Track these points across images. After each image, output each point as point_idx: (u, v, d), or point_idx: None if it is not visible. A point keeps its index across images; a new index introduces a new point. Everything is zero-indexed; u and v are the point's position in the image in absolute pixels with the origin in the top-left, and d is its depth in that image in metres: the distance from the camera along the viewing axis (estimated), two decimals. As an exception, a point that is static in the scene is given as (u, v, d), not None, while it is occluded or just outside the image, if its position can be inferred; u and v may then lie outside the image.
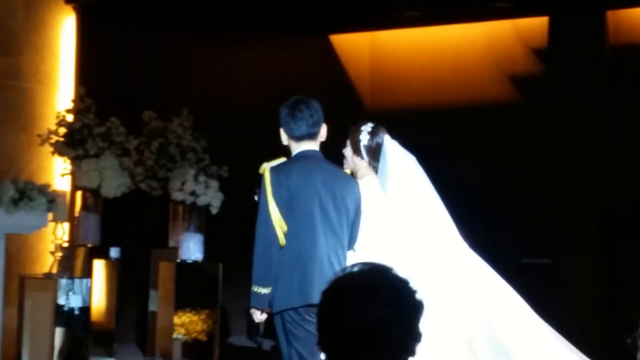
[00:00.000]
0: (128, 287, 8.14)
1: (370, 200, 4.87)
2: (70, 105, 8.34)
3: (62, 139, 8.05)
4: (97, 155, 7.77)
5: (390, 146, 5.10)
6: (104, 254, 7.83)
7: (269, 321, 4.65)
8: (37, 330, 7.52)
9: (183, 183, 7.96)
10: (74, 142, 8.00)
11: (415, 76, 9.66)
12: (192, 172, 8.08)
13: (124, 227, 8.28)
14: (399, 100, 9.70)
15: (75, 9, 9.32)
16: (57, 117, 8.22)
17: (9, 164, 6.95)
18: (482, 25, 9.30)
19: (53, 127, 8.21)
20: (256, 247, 4.49)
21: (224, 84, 9.05)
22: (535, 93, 9.04)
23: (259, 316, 4.54)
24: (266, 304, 4.50)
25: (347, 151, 5.20)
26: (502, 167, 9.07)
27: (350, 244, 4.69)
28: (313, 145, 4.65)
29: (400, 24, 9.37)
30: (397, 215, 5.01)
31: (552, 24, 8.78)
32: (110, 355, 7.73)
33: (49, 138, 8.05)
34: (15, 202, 6.04)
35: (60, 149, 8.02)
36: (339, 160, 5.15)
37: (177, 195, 7.99)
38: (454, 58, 9.44)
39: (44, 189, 6.13)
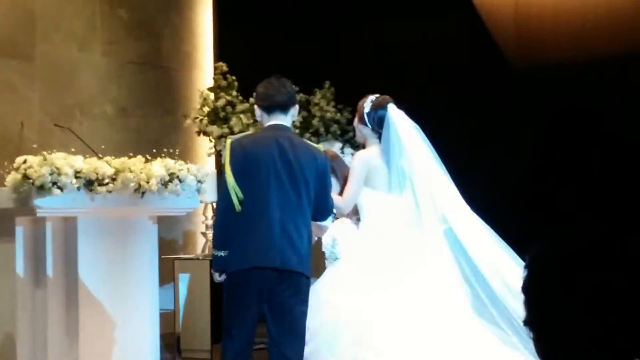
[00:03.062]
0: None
1: (362, 171, 5.18)
2: (212, 84, 8.31)
3: (206, 118, 8.03)
4: (241, 132, 7.71)
5: (395, 114, 5.30)
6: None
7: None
8: (192, 311, 7.55)
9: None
10: (218, 121, 7.97)
11: (562, 30, 9.22)
12: (337, 144, 7.95)
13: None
14: (546, 56, 9.30)
15: (211, -14, 9.30)
16: (200, 96, 8.21)
17: (156, 146, 6.94)
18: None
19: (197, 107, 8.21)
20: (216, 212, 4.89)
21: (364, 54, 8.85)
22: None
23: (217, 277, 4.84)
24: (223, 265, 4.75)
25: (355, 121, 5.49)
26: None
27: (320, 215, 4.89)
28: (283, 120, 4.86)
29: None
30: (400, 181, 5.23)
31: None
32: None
33: (194, 118, 8.05)
34: (165, 184, 5.99)
35: (205, 128, 8.01)
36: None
37: (324, 169, 7.87)
38: (604, 5, 8.95)
39: (193, 170, 6.07)
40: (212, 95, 8.17)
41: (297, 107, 4.96)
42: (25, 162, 5.43)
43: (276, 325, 4.67)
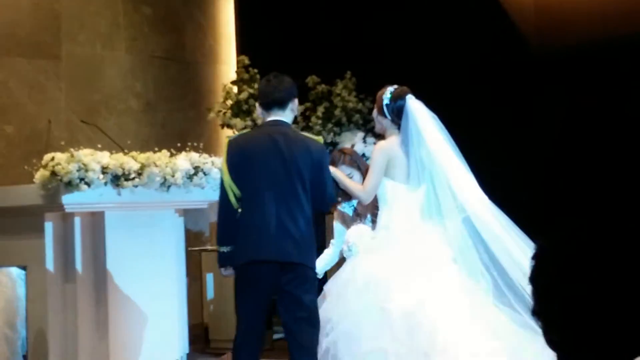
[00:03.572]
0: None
1: (383, 161, 5.23)
2: (235, 77, 8.38)
3: (229, 111, 8.12)
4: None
5: (414, 105, 5.33)
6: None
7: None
8: (220, 301, 7.65)
9: (352, 146, 7.88)
10: (241, 113, 8.05)
11: (583, 12, 9.20)
12: (360, 134, 8.00)
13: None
14: (566, 40, 9.28)
15: (233, -20, 9.36)
16: (223, 89, 8.29)
17: (181, 140, 7.04)
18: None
19: (220, 100, 8.29)
20: (218, 210, 4.96)
21: (384, 43, 8.89)
22: None
23: (223, 272, 5.01)
24: (228, 261, 4.90)
25: (374, 112, 5.52)
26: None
27: (320, 204, 4.97)
28: (282, 116, 4.95)
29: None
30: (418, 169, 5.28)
31: None
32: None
33: (218, 111, 8.13)
34: (191, 177, 6.09)
35: (228, 121, 8.09)
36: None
37: (347, 159, 7.92)
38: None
39: (217, 163, 6.15)
40: (235, 89, 8.24)
41: (296, 101, 5.02)
42: (53, 159, 5.54)
43: (288, 315, 4.80)
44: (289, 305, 4.79)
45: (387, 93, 5.40)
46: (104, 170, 5.63)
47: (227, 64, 9.23)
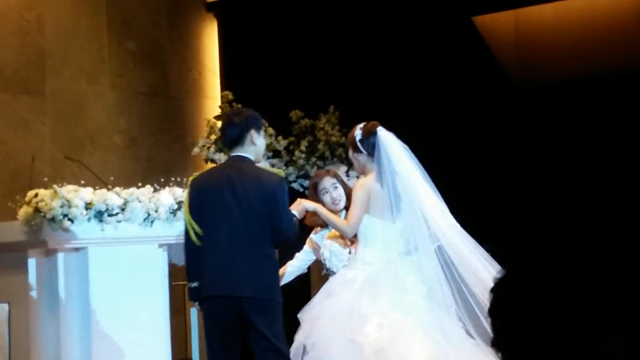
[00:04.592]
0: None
1: (364, 198, 5.31)
2: (219, 112, 8.44)
3: (213, 146, 8.16)
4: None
5: (384, 136, 5.42)
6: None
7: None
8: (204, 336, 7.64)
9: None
10: (225, 148, 8.09)
11: (563, 50, 9.32)
12: (343, 168, 8.05)
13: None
14: (547, 76, 9.39)
15: (217, 16, 9.45)
16: (207, 124, 8.34)
17: (165, 174, 7.08)
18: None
19: (204, 135, 8.35)
20: (184, 248, 5.16)
21: (367, 77, 8.98)
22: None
23: (198, 306, 5.17)
24: (195, 296, 5.10)
25: (350, 152, 5.59)
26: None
27: (277, 236, 5.00)
28: (242, 151, 5.08)
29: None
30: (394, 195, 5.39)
31: None
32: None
33: (203, 145, 8.18)
34: (174, 212, 6.12)
35: (212, 155, 8.14)
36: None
37: (331, 193, 7.97)
38: (603, 21, 9.04)
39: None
40: (219, 124, 8.29)
41: (254, 132, 5.08)
42: (36, 195, 5.57)
43: (254, 347, 4.96)
44: (253, 337, 4.93)
45: (358, 130, 5.50)
46: (87, 206, 5.67)
47: (212, 98, 9.30)
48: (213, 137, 8.20)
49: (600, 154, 7.77)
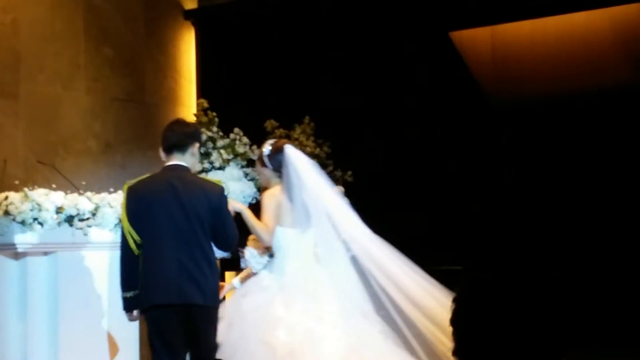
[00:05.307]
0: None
1: (274, 206, 5.47)
2: (194, 120, 8.43)
3: (188, 154, 8.15)
4: (222, 168, 7.84)
5: (292, 154, 5.61)
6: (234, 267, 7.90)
7: None
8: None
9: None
10: (199, 156, 8.08)
11: (539, 66, 9.40)
12: (317, 178, 8.06)
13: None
14: (523, 91, 9.46)
15: (194, 24, 9.45)
16: (182, 132, 8.32)
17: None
18: (606, 11, 8.97)
19: (179, 142, 8.33)
20: (120, 256, 5.06)
21: (342, 89, 9.00)
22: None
23: (130, 317, 5.16)
24: (132, 306, 5.06)
25: (257, 165, 5.78)
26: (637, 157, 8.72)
27: (221, 246, 5.08)
28: (181, 160, 5.10)
29: (522, 15, 9.14)
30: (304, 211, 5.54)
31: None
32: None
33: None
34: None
35: (186, 163, 8.12)
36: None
37: (304, 203, 7.98)
38: (579, 39, 9.12)
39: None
40: (193, 131, 8.29)
41: (197, 146, 5.15)
42: (6, 198, 5.54)
43: (193, 355, 4.96)
44: (195, 345, 4.94)
45: (267, 145, 5.70)
46: (58, 210, 5.64)
47: (187, 106, 9.29)
48: (187, 144, 8.19)
49: (575, 170, 7.83)
